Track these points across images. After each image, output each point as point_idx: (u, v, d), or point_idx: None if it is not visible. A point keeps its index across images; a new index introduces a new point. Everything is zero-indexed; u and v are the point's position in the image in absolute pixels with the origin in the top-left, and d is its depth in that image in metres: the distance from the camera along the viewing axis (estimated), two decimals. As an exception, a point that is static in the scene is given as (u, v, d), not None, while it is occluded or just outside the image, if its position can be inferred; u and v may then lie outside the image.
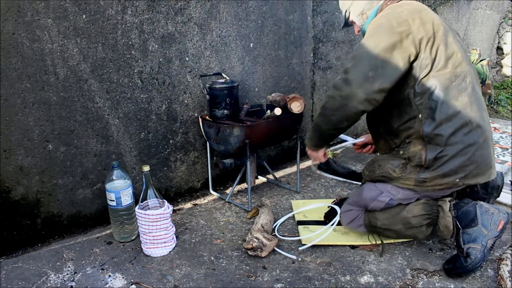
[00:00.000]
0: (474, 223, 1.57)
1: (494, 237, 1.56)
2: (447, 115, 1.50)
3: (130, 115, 2.03)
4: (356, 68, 1.52)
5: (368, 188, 1.74)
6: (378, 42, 1.51)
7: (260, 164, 2.47)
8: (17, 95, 1.69)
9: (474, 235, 1.55)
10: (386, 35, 1.51)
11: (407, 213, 1.65)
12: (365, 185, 1.77)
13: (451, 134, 1.50)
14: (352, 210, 1.79)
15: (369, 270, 1.63)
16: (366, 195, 1.72)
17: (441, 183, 1.56)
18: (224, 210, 2.18)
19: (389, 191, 1.66)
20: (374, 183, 1.73)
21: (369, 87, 1.50)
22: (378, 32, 1.53)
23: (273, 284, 1.55)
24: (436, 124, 1.51)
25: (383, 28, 1.53)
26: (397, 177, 1.63)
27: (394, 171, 1.63)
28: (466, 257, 1.53)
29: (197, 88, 2.24)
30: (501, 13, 5.02)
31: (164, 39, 2.06)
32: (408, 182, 1.61)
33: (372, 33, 1.55)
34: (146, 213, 1.71)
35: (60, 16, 1.74)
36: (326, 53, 2.91)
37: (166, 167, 2.23)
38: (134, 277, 1.62)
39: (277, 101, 2.21)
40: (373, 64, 1.50)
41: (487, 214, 1.58)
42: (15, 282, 1.59)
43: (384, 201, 1.68)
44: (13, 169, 1.74)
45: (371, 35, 1.55)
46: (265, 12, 2.46)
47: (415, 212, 1.64)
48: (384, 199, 1.67)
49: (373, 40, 1.53)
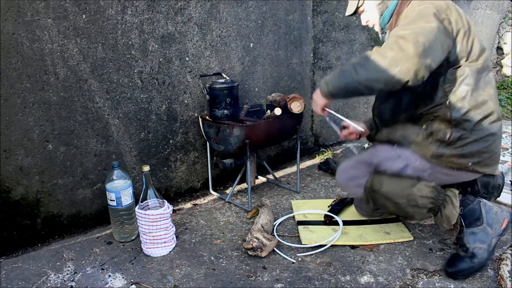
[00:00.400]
0: (479, 222, 1.57)
1: (498, 236, 1.57)
2: (476, 102, 1.52)
3: (130, 115, 2.03)
4: (413, 36, 1.42)
5: (385, 148, 1.67)
6: (428, 22, 1.45)
7: (260, 164, 2.47)
8: (17, 95, 1.69)
9: (480, 234, 1.55)
10: (433, 19, 1.46)
11: (417, 191, 1.57)
12: (381, 145, 1.70)
13: (479, 121, 1.52)
14: (357, 167, 1.70)
15: (369, 270, 1.63)
16: (382, 154, 1.65)
17: (455, 162, 1.55)
18: (224, 210, 2.18)
19: (407, 156, 1.60)
20: (391, 145, 1.67)
21: (422, 59, 1.42)
22: (425, 15, 1.47)
23: (273, 284, 1.55)
24: (466, 110, 1.51)
25: (428, 12, 1.48)
26: (418, 142, 1.59)
27: (417, 136, 1.59)
28: (472, 257, 1.53)
29: (197, 88, 2.24)
30: (501, 13, 5.01)
31: (164, 39, 2.06)
32: (427, 151, 1.57)
33: (418, 17, 1.49)
34: (146, 213, 1.71)
35: (60, 16, 1.74)
36: (326, 53, 2.91)
37: (166, 167, 2.23)
38: (134, 277, 1.62)
39: (277, 101, 2.21)
40: (428, 39, 1.43)
41: (491, 212, 1.58)
42: (15, 282, 1.59)
43: (400, 166, 1.60)
44: (13, 169, 1.74)
45: (417, 18, 1.48)
46: (265, 12, 2.46)
47: (424, 192, 1.57)
48: (400, 164, 1.60)
49: (422, 21, 1.46)
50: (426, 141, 1.58)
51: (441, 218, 1.59)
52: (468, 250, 1.54)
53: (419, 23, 1.46)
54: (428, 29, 1.43)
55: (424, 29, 1.43)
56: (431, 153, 1.56)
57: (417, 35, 1.42)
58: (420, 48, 1.40)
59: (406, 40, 1.41)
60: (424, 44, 1.40)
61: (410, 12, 1.54)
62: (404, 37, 1.42)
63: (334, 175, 2.57)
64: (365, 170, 1.67)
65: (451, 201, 1.58)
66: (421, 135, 1.58)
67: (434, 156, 1.56)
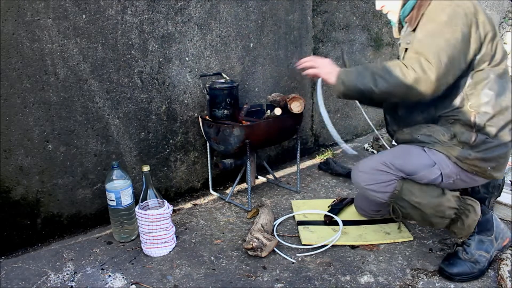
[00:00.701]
0: (490, 232, 1.59)
1: (498, 250, 1.61)
2: (501, 107, 1.49)
3: (130, 115, 2.03)
4: (437, 58, 1.40)
5: (418, 153, 1.56)
6: (455, 31, 1.41)
7: (260, 164, 2.47)
8: (17, 95, 1.69)
9: (487, 244, 1.57)
10: (461, 26, 1.42)
11: (447, 202, 1.54)
12: (411, 149, 1.58)
13: (502, 127, 1.50)
14: (386, 172, 1.57)
15: (369, 270, 1.62)
16: (417, 161, 1.54)
17: (478, 166, 1.52)
18: (224, 210, 2.18)
19: (440, 163, 1.53)
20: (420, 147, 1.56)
21: (443, 79, 1.41)
22: (453, 20, 1.42)
23: (273, 284, 1.55)
24: (491, 116, 1.48)
25: (456, 17, 1.43)
26: (445, 142, 1.52)
27: (443, 135, 1.53)
28: (475, 263, 1.54)
29: (197, 88, 2.24)
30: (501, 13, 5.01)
31: (164, 39, 2.06)
32: (453, 152, 1.52)
33: (445, 23, 1.43)
34: (146, 213, 1.71)
35: (60, 16, 1.74)
36: (326, 53, 2.91)
37: (166, 167, 2.23)
38: (134, 277, 1.62)
39: (277, 101, 2.21)
40: (451, 55, 1.41)
41: (499, 227, 1.62)
42: (15, 282, 1.59)
43: (436, 174, 1.53)
44: (13, 169, 1.74)
45: (443, 25, 1.43)
46: (265, 12, 2.46)
47: (452, 203, 1.55)
48: (437, 172, 1.53)
49: (449, 29, 1.42)
50: (451, 141, 1.52)
51: (462, 227, 1.57)
52: (473, 256, 1.55)
53: (445, 32, 1.42)
54: (454, 42, 1.41)
55: (449, 42, 1.40)
56: (456, 154, 1.52)
57: (440, 54, 1.39)
58: (442, 70, 1.39)
59: (429, 63, 1.40)
60: (447, 64, 1.40)
61: (437, 14, 1.47)
62: (428, 57, 1.40)
63: (334, 175, 2.59)
64: (394, 176, 1.57)
65: (473, 210, 1.56)
66: (447, 135, 1.53)
67: (460, 158, 1.51)
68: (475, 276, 1.53)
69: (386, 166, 1.57)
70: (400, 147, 1.66)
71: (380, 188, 1.58)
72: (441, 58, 1.39)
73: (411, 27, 1.57)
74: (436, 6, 1.49)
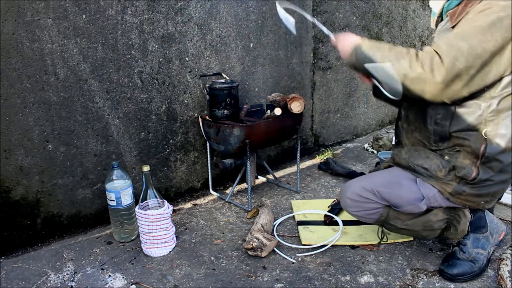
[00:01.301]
0: (484, 229, 1.59)
1: (495, 245, 1.61)
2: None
3: (130, 115, 2.03)
4: (451, 60, 1.27)
5: (409, 186, 1.51)
6: (488, 41, 1.27)
7: (260, 164, 2.47)
8: (17, 95, 1.69)
9: (482, 241, 1.57)
10: (499, 37, 1.27)
11: (433, 216, 1.53)
12: (403, 180, 1.53)
13: (508, 164, 1.41)
14: (372, 200, 1.55)
15: (369, 270, 1.63)
16: (405, 195, 1.51)
17: (471, 200, 1.47)
18: (224, 210, 2.18)
19: (429, 198, 1.49)
20: (413, 178, 1.51)
21: (452, 85, 1.30)
22: (493, 28, 1.27)
23: (273, 284, 1.55)
24: (502, 149, 1.39)
25: (499, 25, 1.27)
26: (440, 178, 1.46)
27: (440, 171, 1.46)
28: (473, 261, 1.54)
29: (197, 88, 2.24)
30: (501, 13, 5.01)
31: (164, 39, 2.06)
32: (447, 188, 1.46)
33: (485, 26, 1.28)
34: (146, 213, 1.71)
35: (60, 16, 1.74)
36: (326, 53, 2.91)
37: (166, 167, 2.23)
38: (134, 277, 1.62)
39: (277, 101, 2.21)
40: (471, 63, 1.28)
41: (493, 222, 1.61)
42: (15, 282, 1.59)
43: (422, 208, 1.50)
44: (13, 169, 1.74)
45: (482, 29, 1.28)
46: (265, 12, 2.46)
47: (439, 216, 1.53)
48: (423, 207, 1.50)
49: (483, 36, 1.27)
50: (447, 177, 1.46)
51: (455, 232, 1.56)
52: (470, 255, 1.55)
53: (476, 38, 1.27)
54: (480, 51, 1.27)
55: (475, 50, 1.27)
56: (450, 189, 1.46)
57: (458, 58, 1.27)
58: (451, 76, 1.28)
59: (441, 63, 1.28)
60: (462, 71, 1.27)
61: (480, 16, 1.31)
62: (443, 57, 1.28)
63: (334, 175, 2.59)
64: (379, 205, 1.56)
65: (463, 214, 1.55)
66: (444, 170, 1.45)
67: (453, 193, 1.46)
68: (475, 275, 1.53)
69: (372, 194, 1.55)
70: (392, 173, 1.59)
71: (366, 215, 1.60)
72: (456, 63, 1.26)
73: (452, 22, 1.42)
74: (485, 7, 1.32)
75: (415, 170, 1.52)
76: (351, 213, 1.64)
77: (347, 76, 3.11)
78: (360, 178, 1.67)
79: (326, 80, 2.97)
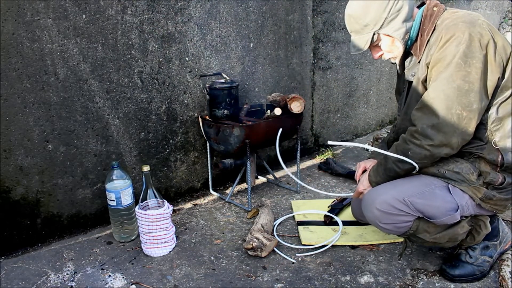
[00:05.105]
0: (496, 238, 1.60)
1: (500, 253, 1.62)
2: None
3: (130, 115, 2.03)
4: (448, 111, 1.31)
5: (443, 195, 1.41)
6: (470, 72, 1.29)
7: (260, 164, 2.47)
8: (17, 95, 1.69)
9: (491, 249, 1.58)
10: (477, 61, 1.29)
11: (460, 229, 1.46)
12: (435, 189, 1.43)
13: None
14: (405, 212, 1.42)
15: (369, 270, 1.62)
16: (441, 205, 1.40)
17: (500, 204, 1.44)
18: (224, 210, 2.18)
19: (463, 207, 1.41)
20: (445, 185, 1.43)
21: (464, 130, 1.32)
22: (466, 57, 1.29)
23: (273, 284, 1.55)
24: None
25: (471, 50, 1.29)
26: (473, 182, 1.41)
27: (472, 174, 1.41)
28: (478, 267, 1.54)
29: (197, 88, 2.24)
30: (501, 13, 5.01)
31: (164, 39, 2.06)
32: (478, 193, 1.41)
33: (457, 59, 1.30)
34: (146, 213, 1.71)
35: (60, 16, 1.74)
36: (326, 53, 2.91)
37: (166, 167, 2.23)
38: (134, 277, 1.62)
39: (277, 101, 2.21)
40: (467, 102, 1.30)
41: (504, 232, 1.63)
42: (15, 282, 1.59)
43: (457, 219, 1.41)
44: (13, 169, 1.74)
45: (458, 66, 1.30)
46: (265, 12, 2.46)
47: (465, 229, 1.48)
48: (458, 217, 1.41)
49: (462, 70, 1.30)
50: (477, 181, 1.41)
51: (471, 241, 1.55)
52: (477, 260, 1.55)
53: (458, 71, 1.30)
54: (469, 85, 1.30)
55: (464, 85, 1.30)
56: (481, 195, 1.41)
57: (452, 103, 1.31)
58: (457, 121, 1.32)
59: (440, 118, 1.32)
60: (462, 112, 1.31)
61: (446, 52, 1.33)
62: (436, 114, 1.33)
63: (334, 175, 2.59)
64: (410, 216, 1.43)
65: (484, 225, 1.53)
66: (475, 173, 1.41)
67: (483, 199, 1.42)
68: (476, 278, 1.54)
69: (405, 205, 1.41)
70: (421, 181, 1.46)
71: (395, 228, 1.47)
72: (454, 111, 1.31)
73: (417, 57, 1.47)
74: (445, 37, 1.34)
75: (445, 176, 1.43)
76: (378, 225, 1.48)
77: (347, 76, 3.11)
78: (386, 186, 1.49)
79: (326, 80, 2.97)
